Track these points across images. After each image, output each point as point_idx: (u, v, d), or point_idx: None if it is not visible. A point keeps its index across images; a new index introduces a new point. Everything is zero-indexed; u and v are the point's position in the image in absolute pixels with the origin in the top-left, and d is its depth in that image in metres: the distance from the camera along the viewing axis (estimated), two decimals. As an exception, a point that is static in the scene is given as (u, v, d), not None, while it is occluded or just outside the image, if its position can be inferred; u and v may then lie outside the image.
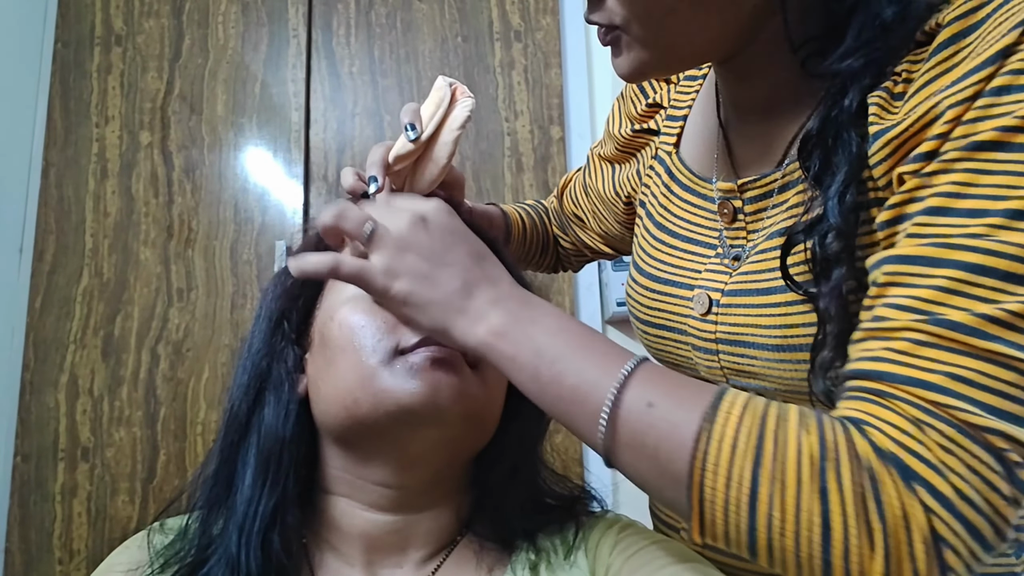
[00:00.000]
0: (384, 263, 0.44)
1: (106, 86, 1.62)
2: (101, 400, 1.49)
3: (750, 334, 0.50)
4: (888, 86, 0.41)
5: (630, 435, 0.38)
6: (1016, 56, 0.35)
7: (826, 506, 0.32)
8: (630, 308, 0.64)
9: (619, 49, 0.48)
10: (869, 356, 0.36)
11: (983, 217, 0.34)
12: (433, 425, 0.47)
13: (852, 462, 0.33)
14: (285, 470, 0.49)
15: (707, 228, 0.57)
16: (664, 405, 0.37)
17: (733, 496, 0.34)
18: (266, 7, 1.65)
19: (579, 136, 1.62)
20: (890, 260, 0.37)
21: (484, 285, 0.44)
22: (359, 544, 0.49)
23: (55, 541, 1.43)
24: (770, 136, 0.51)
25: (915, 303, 0.35)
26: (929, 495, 0.32)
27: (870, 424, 0.34)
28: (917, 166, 0.38)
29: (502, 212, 0.78)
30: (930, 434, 0.33)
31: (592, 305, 1.54)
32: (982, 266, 0.34)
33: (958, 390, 0.33)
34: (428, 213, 0.45)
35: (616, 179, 0.72)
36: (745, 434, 0.35)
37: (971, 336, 0.33)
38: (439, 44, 1.64)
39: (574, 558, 0.50)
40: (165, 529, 0.52)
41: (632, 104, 0.69)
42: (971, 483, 0.32)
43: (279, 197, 1.58)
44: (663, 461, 0.36)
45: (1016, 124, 0.34)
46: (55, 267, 1.54)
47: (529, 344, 0.41)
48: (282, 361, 0.51)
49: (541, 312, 0.43)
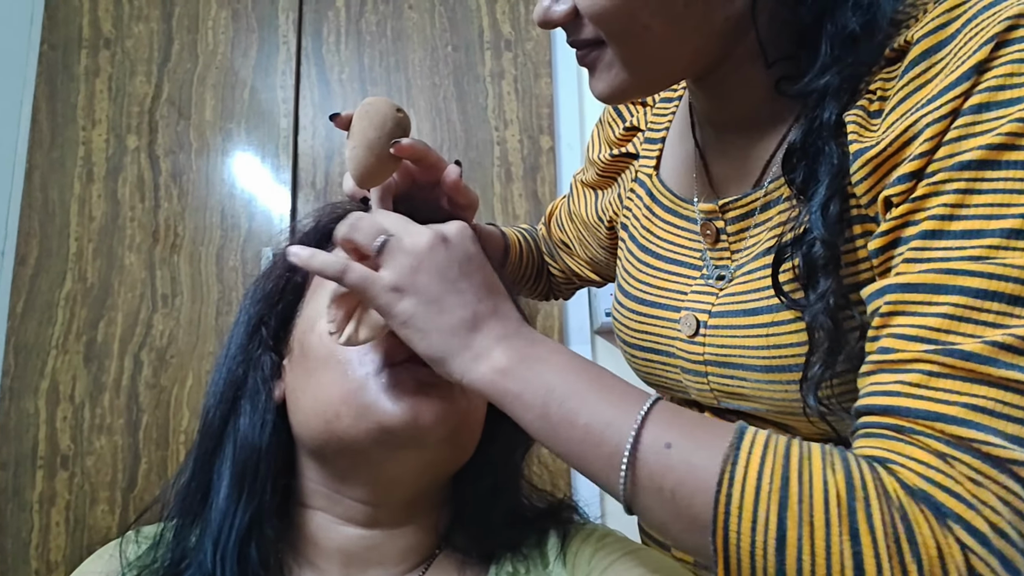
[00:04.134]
0: (393, 278, 0.41)
1: (93, 89, 1.60)
2: (82, 407, 1.46)
3: (738, 355, 0.49)
4: (864, 104, 0.41)
5: (648, 478, 0.36)
6: (991, 72, 0.35)
7: (858, 547, 0.31)
8: (617, 331, 0.63)
9: (596, 70, 0.47)
10: (882, 391, 0.35)
11: (979, 239, 0.34)
12: (413, 447, 0.46)
13: (882, 501, 0.32)
14: (262, 481, 0.47)
15: (691, 249, 0.57)
16: (683, 446, 0.36)
17: (760, 540, 0.33)
18: (256, 13, 1.65)
19: (568, 146, 1.62)
20: (892, 289, 0.37)
21: (493, 320, 0.42)
22: (336, 558, 0.48)
23: (32, 551, 1.40)
24: (748, 154, 0.51)
25: (923, 332, 0.34)
26: (965, 532, 0.31)
27: (895, 462, 0.33)
28: (904, 187, 0.38)
29: (501, 234, 0.78)
30: (959, 468, 0.32)
31: (581, 315, 1.54)
32: (987, 291, 0.33)
33: (979, 421, 0.32)
34: (451, 235, 0.43)
35: (599, 204, 0.72)
36: (768, 475, 0.33)
37: (985, 365, 0.32)
38: (429, 53, 1.64)
39: (553, 568, 0.49)
40: (140, 537, 0.51)
41: (610, 128, 0.69)
42: (1004, 516, 0.31)
43: (266, 203, 1.57)
44: (683, 505, 0.35)
45: (1001, 141, 0.34)
46: (38, 271, 1.52)
47: (537, 382, 0.39)
48: (259, 368, 0.50)
49: (549, 350, 0.41)
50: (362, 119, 0.50)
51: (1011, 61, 0.35)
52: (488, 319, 0.42)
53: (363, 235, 0.43)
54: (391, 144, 0.50)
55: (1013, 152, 0.34)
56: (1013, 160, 0.34)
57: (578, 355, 0.42)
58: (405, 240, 0.42)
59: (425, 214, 0.56)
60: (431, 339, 0.41)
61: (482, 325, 0.41)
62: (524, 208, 1.57)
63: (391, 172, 0.52)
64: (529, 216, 1.56)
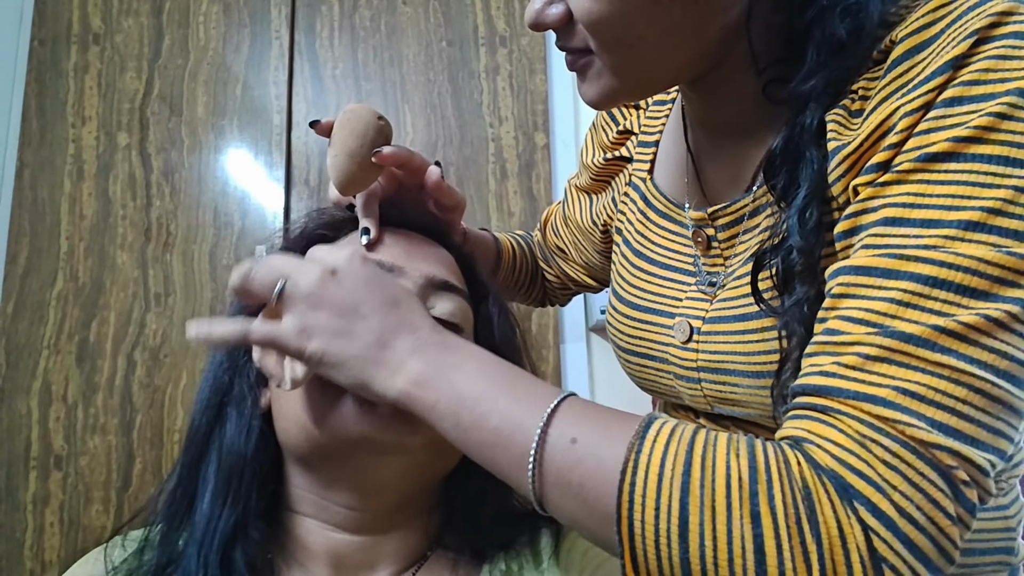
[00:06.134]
0: (296, 323, 0.41)
1: (83, 85, 1.59)
2: (75, 407, 1.45)
3: (731, 361, 0.49)
4: (846, 104, 0.41)
5: (555, 474, 0.35)
6: (969, 67, 0.35)
7: (759, 529, 0.31)
8: (611, 336, 0.63)
9: (585, 76, 0.47)
10: (818, 371, 0.35)
11: (936, 228, 0.34)
12: (394, 454, 0.46)
13: (784, 483, 0.32)
14: (247, 487, 0.47)
15: (684, 255, 0.56)
16: (589, 439, 0.35)
17: (663, 527, 0.32)
18: (248, 8, 1.63)
19: (563, 143, 1.61)
20: (844, 271, 0.37)
21: (403, 333, 0.41)
22: (326, 562, 0.48)
23: (26, 551, 1.39)
24: (739, 160, 0.51)
25: (868, 315, 0.34)
26: (868, 513, 0.31)
27: (810, 442, 0.33)
28: (871, 177, 0.37)
29: (494, 239, 0.78)
30: (874, 450, 0.32)
31: (576, 313, 1.53)
32: (936, 278, 0.33)
33: (907, 405, 0.32)
34: (339, 264, 0.43)
35: (593, 209, 0.72)
36: (672, 462, 0.33)
37: (922, 348, 0.32)
38: (423, 48, 1.63)
39: (546, 566, 0.49)
40: (127, 542, 0.51)
41: (603, 132, 0.69)
42: (914, 501, 0.31)
43: (260, 200, 1.56)
44: (590, 499, 0.34)
45: (968, 135, 0.34)
46: (29, 270, 1.51)
47: (449, 390, 0.39)
48: (244, 375, 0.50)
49: (463, 355, 0.41)
50: (343, 127, 0.50)
51: (989, 57, 0.35)
52: (396, 333, 0.41)
53: (259, 284, 0.43)
54: (373, 152, 0.50)
55: (980, 145, 0.34)
56: (979, 153, 0.34)
57: (495, 357, 0.42)
58: (300, 282, 0.42)
59: (413, 218, 0.56)
60: (348, 369, 0.41)
61: (391, 341, 0.41)
62: (519, 205, 1.56)
63: (374, 179, 0.52)
64: (524, 213, 1.56)
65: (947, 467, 0.31)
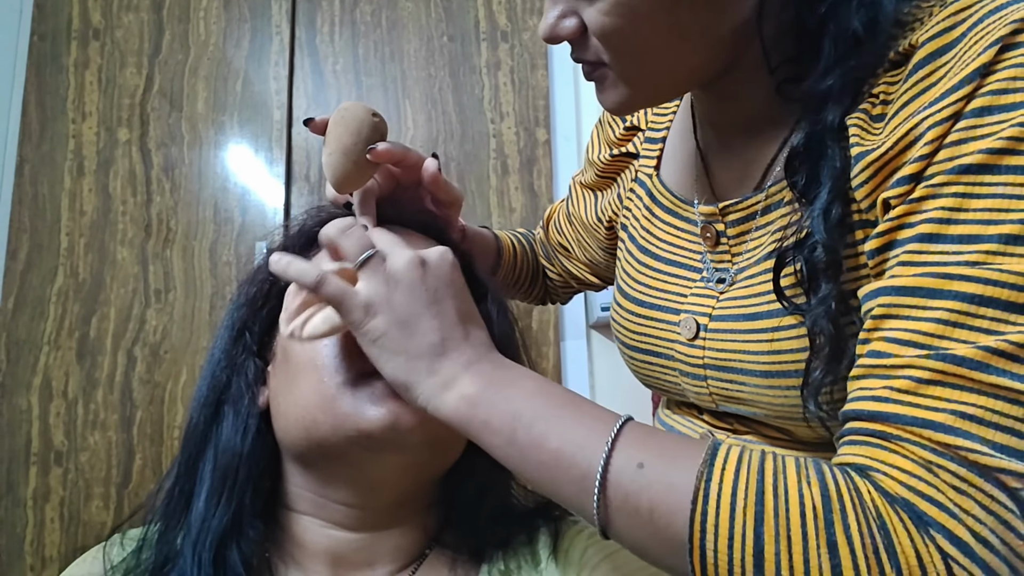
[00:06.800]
0: (368, 295, 0.41)
1: (83, 81, 1.58)
2: (75, 403, 1.45)
3: (738, 360, 0.49)
4: (867, 108, 0.41)
5: (622, 499, 0.35)
6: (995, 75, 0.35)
7: (836, 559, 0.31)
8: (616, 333, 0.63)
9: (604, 85, 0.47)
10: (870, 395, 0.35)
11: (976, 243, 0.33)
12: (394, 451, 0.46)
13: (859, 511, 0.31)
14: (242, 486, 0.47)
15: (691, 251, 0.56)
16: (657, 465, 0.35)
17: (737, 557, 0.32)
18: (248, 3, 1.62)
19: (565, 138, 1.60)
20: (885, 291, 0.36)
21: (463, 346, 0.41)
22: (324, 560, 0.48)
23: (27, 547, 1.39)
24: (750, 157, 0.51)
25: (915, 337, 0.34)
26: (946, 540, 0.30)
27: (877, 470, 0.33)
28: (902, 190, 0.37)
29: (494, 236, 0.77)
30: (943, 476, 0.31)
31: (576, 310, 1.53)
32: (982, 296, 0.32)
33: (967, 429, 0.31)
34: (431, 258, 0.43)
35: (598, 206, 0.71)
36: (744, 490, 0.33)
37: (976, 371, 0.32)
38: (424, 43, 1.62)
39: (545, 565, 0.49)
40: (125, 540, 0.51)
41: (610, 129, 0.69)
42: (988, 524, 0.30)
43: (260, 196, 1.56)
44: (660, 525, 0.34)
45: (1002, 146, 0.34)
46: (29, 266, 1.51)
47: (505, 406, 0.39)
48: (242, 374, 0.50)
49: (517, 375, 0.41)
50: (338, 125, 0.50)
51: (1015, 65, 0.34)
52: (457, 345, 0.41)
53: (351, 244, 0.43)
54: (367, 150, 0.49)
55: (1013, 157, 0.34)
56: (1013, 165, 0.33)
57: (547, 380, 0.42)
58: (388, 259, 0.42)
59: (411, 215, 0.55)
60: (398, 362, 0.41)
61: (450, 351, 0.41)
62: (520, 201, 1.55)
63: (369, 177, 0.52)
64: (525, 209, 1.55)
65: (1013, 488, 0.31)
